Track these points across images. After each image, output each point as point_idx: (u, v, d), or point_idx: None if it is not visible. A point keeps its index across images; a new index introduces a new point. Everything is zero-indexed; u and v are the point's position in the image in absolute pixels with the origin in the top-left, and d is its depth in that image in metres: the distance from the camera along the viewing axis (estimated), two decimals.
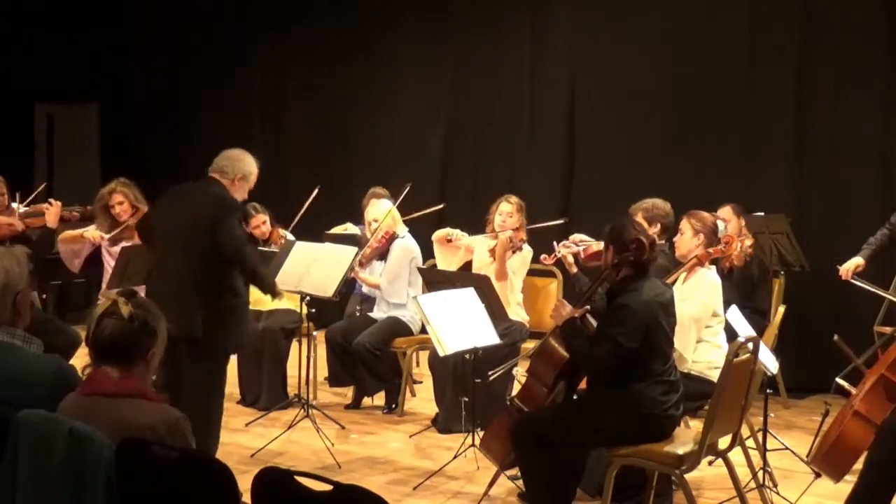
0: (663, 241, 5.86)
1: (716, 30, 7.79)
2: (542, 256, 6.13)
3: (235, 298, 4.95)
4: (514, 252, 6.31)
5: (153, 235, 5.15)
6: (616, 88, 8.22)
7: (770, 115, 7.57)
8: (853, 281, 6.12)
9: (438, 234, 6.76)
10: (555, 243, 6.02)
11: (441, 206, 7.11)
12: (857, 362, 4.77)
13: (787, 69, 7.48)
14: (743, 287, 6.68)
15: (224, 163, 4.99)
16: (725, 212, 6.93)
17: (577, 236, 6.09)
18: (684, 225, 5.23)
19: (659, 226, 5.79)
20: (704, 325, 5.04)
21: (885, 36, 7.17)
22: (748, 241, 6.50)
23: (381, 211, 6.71)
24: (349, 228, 7.41)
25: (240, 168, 5.00)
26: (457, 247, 6.66)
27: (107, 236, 6.44)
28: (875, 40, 7.20)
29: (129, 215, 6.49)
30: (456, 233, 6.65)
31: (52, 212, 6.25)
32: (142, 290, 5.20)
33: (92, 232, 6.51)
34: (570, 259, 5.91)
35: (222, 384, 5.07)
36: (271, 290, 5.25)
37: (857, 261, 6.27)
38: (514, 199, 6.47)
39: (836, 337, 4.79)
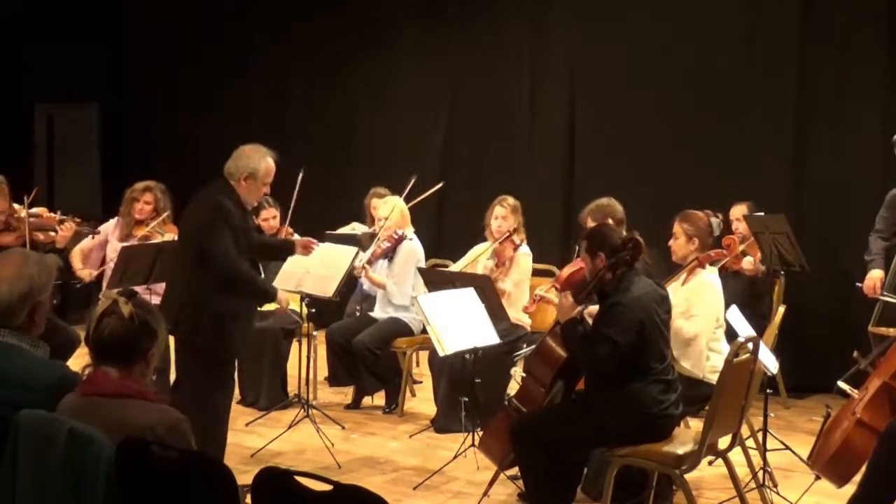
0: None
1: (716, 30, 7.79)
2: (523, 307, 6.09)
3: (238, 302, 4.77)
4: (514, 249, 6.22)
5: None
6: (616, 88, 8.21)
7: (770, 115, 7.56)
8: (883, 297, 5.83)
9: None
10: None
11: (440, 185, 7.12)
12: (861, 364, 4.75)
13: (787, 68, 7.49)
14: (745, 294, 6.63)
15: (230, 163, 4.80)
16: (741, 210, 6.90)
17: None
18: (677, 230, 5.16)
19: (611, 222, 5.82)
20: (709, 337, 4.96)
21: (885, 36, 7.17)
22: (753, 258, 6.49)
23: (391, 208, 6.71)
24: (356, 228, 7.42)
25: (244, 167, 4.76)
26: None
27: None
28: (876, 41, 7.20)
29: (147, 216, 6.58)
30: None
31: (63, 234, 5.92)
32: (141, 290, 5.17)
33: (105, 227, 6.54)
34: (551, 297, 5.79)
35: (225, 384, 4.90)
36: (268, 298, 5.02)
37: (878, 273, 6.01)
38: (508, 201, 6.38)
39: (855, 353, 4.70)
